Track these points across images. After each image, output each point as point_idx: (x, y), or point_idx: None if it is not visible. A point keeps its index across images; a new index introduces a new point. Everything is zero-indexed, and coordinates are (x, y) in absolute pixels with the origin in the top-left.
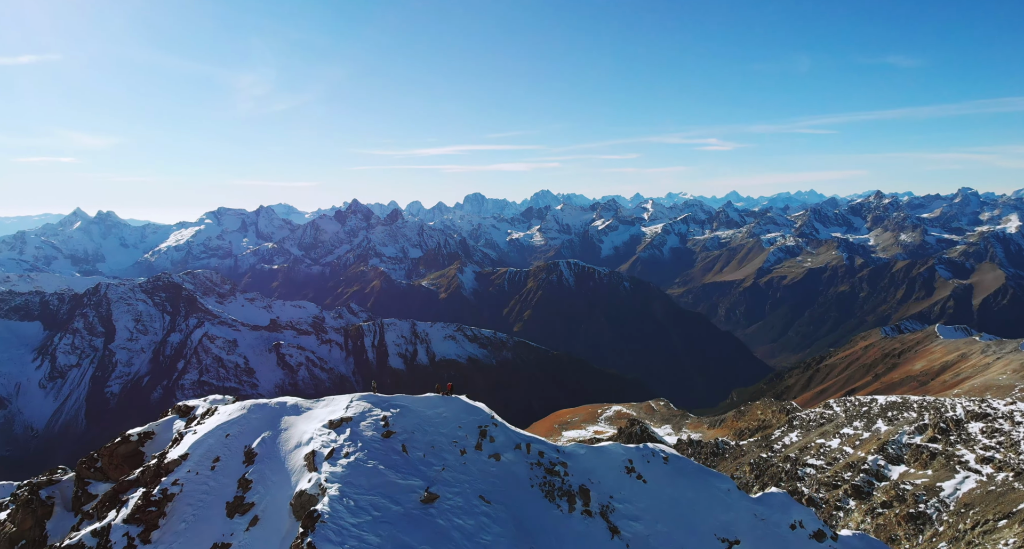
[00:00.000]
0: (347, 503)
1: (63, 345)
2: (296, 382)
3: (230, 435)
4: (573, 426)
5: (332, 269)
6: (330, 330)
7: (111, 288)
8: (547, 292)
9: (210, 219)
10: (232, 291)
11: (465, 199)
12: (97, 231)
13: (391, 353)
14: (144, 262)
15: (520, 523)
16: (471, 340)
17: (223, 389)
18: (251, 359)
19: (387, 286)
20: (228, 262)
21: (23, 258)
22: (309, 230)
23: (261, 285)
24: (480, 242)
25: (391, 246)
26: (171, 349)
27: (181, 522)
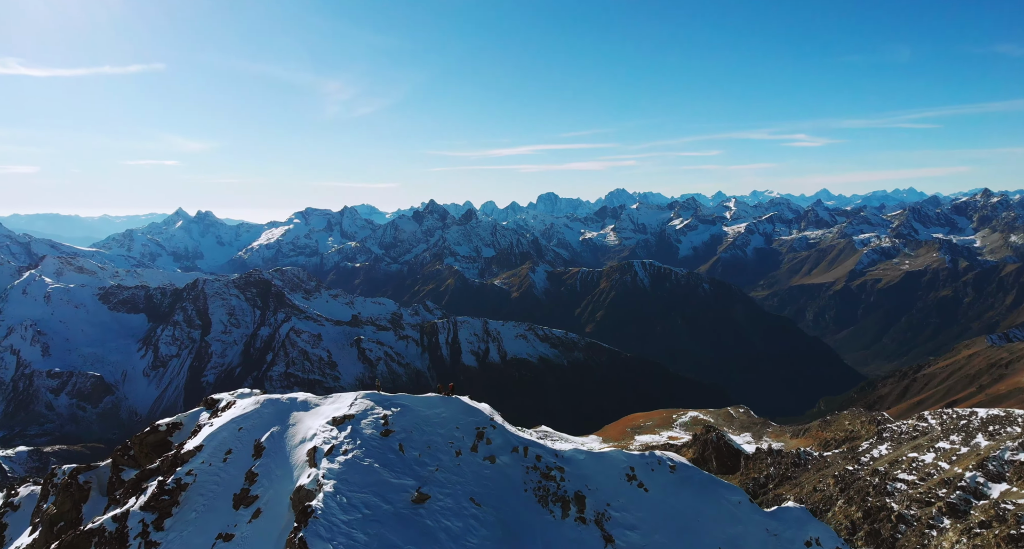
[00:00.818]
0: (340, 500)
1: (165, 336)
2: (375, 376)
3: (243, 428)
4: (646, 430)
5: (410, 267)
6: (407, 326)
7: (207, 284)
8: (620, 293)
9: (298, 219)
10: (317, 288)
11: (538, 199)
12: (196, 230)
13: (464, 350)
14: (238, 259)
15: (508, 527)
16: (542, 340)
17: (307, 381)
18: (334, 353)
19: (461, 284)
20: (314, 260)
21: (131, 255)
22: (389, 230)
23: (344, 282)
24: (552, 242)
25: (465, 245)
26: (261, 342)
27: (192, 511)
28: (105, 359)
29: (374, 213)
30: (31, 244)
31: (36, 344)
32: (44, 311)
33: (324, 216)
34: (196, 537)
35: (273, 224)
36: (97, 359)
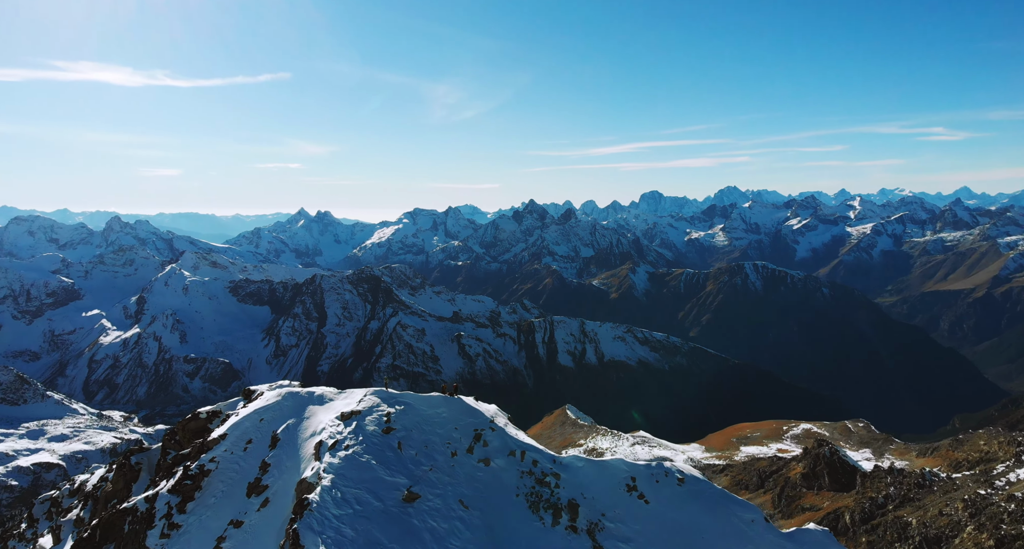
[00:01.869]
0: (335, 495)
1: (286, 327)
2: (475, 371)
3: (264, 419)
4: (753, 442)
5: (508, 266)
6: (505, 324)
7: (324, 279)
8: (729, 296)
9: (407, 219)
10: (422, 285)
11: (641, 197)
12: (316, 228)
13: (560, 350)
14: (352, 257)
15: (493, 531)
16: (642, 343)
17: (411, 374)
18: (436, 347)
19: (558, 284)
20: (420, 258)
21: (258, 251)
22: (489, 229)
23: (447, 280)
24: (655, 242)
25: (563, 245)
26: (370, 335)
27: (212, 497)
28: (233, 347)
29: (476, 213)
30: (173, 241)
31: (175, 332)
32: (182, 302)
33: (430, 216)
34: (212, 521)
35: (384, 224)
36: (226, 347)
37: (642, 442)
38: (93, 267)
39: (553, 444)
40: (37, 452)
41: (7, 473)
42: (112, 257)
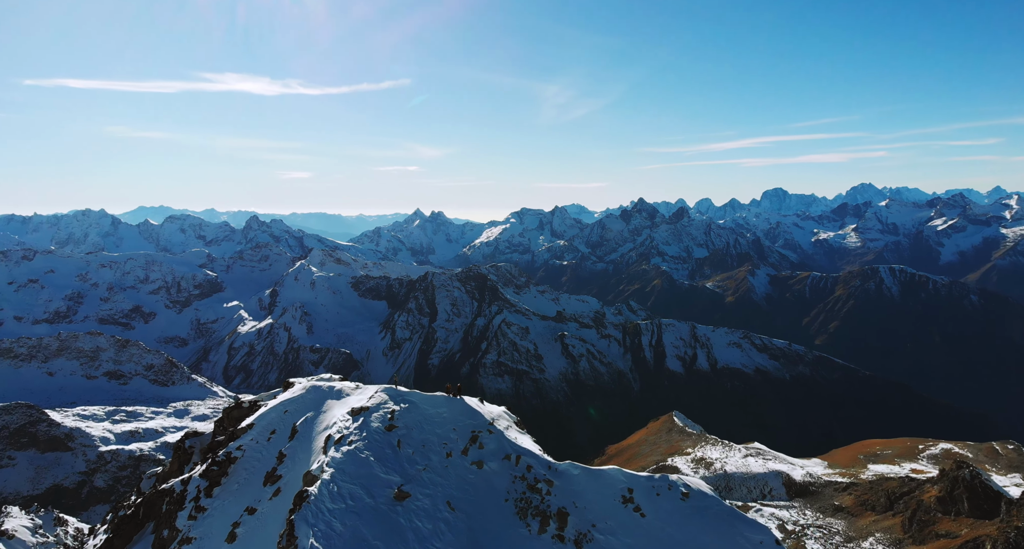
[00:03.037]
0: (332, 488)
1: (400, 322)
2: (578, 372)
3: (287, 412)
4: (883, 460)
5: (615, 266)
6: (609, 325)
7: (435, 276)
8: (861, 302)
9: (514, 218)
10: (527, 283)
11: (763, 195)
12: (430, 228)
13: (668, 354)
14: (462, 255)
15: (475, 536)
16: (760, 350)
17: (516, 371)
18: (540, 346)
19: (668, 286)
20: (526, 257)
21: (378, 249)
22: (596, 229)
23: (552, 279)
24: (777, 242)
25: (674, 245)
26: (477, 331)
27: (235, 483)
28: (353, 339)
29: (583, 212)
30: (304, 239)
31: (303, 323)
32: (310, 295)
33: (536, 216)
34: (232, 507)
35: (492, 223)
36: (347, 338)
37: (756, 454)
38: (234, 262)
39: (658, 451)
40: (182, 430)
41: (156, 448)
42: (250, 253)
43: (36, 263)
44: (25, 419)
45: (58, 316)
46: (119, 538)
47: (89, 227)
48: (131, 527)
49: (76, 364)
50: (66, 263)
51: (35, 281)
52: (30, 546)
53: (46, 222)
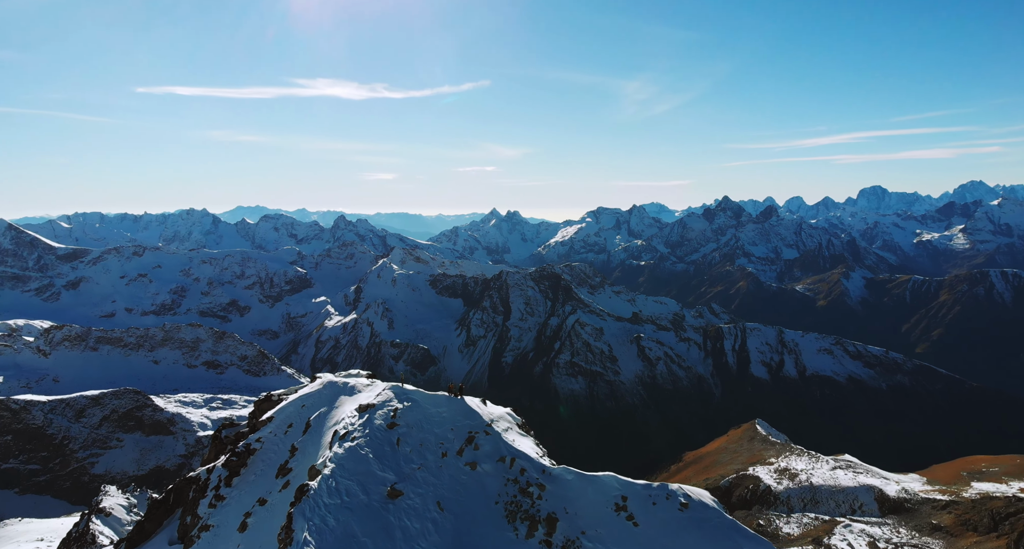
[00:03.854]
0: (330, 484)
1: (475, 319)
2: (655, 375)
3: (305, 406)
4: (988, 477)
5: (696, 267)
6: (689, 328)
7: (509, 275)
8: (968, 308)
9: (590, 218)
10: (602, 283)
11: (859, 193)
12: (506, 227)
13: (753, 360)
14: (537, 254)
15: (461, 538)
16: (853, 357)
17: (589, 372)
18: (614, 347)
19: (754, 288)
20: (602, 257)
21: (455, 248)
22: (676, 228)
23: (628, 279)
24: (875, 243)
25: (761, 246)
26: (550, 331)
27: (252, 474)
28: (431, 335)
29: (663, 211)
30: (386, 238)
31: (384, 319)
32: (391, 292)
33: (613, 215)
34: (247, 497)
35: (568, 222)
36: (425, 335)
37: (846, 467)
38: (322, 260)
39: (739, 460)
40: None
41: None
42: (337, 251)
43: (145, 259)
44: (133, 404)
45: (164, 308)
46: (150, 522)
47: (193, 225)
48: (161, 512)
49: (178, 353)
50: (171, 259)
51: (144, 275)
52: (125, 524)
53: (155, 221)
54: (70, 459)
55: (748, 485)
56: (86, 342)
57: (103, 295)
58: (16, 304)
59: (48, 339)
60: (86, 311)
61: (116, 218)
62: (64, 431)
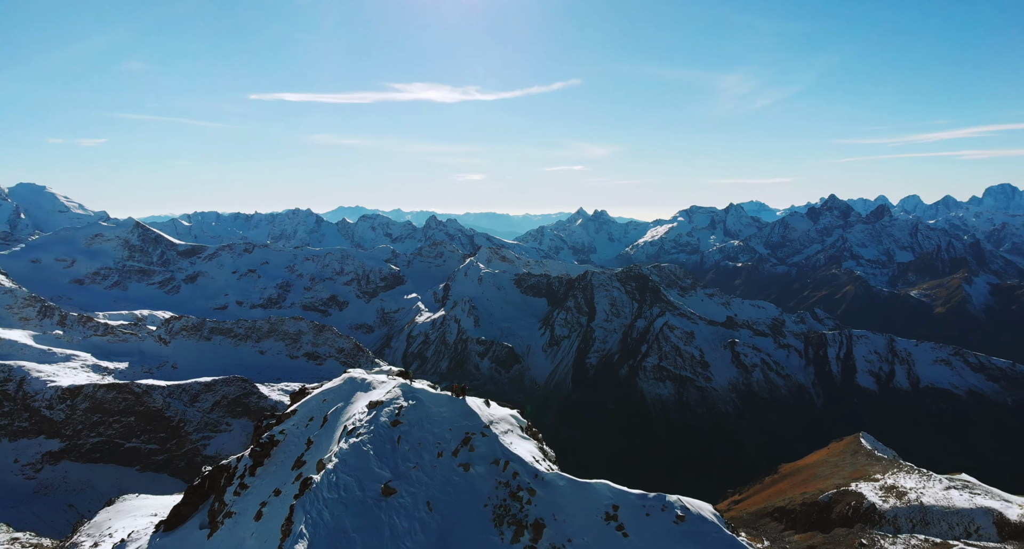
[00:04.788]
0: (331, 478)
1: (559, 319)
2: (750, 382)
3: (326, 400)
4: None
5: (798, 270)
6: (789, 334)
7: (594, 275)
8: None
9: (682, 217)
10: (693, 285)
11: (985, 192)
12: (592, 227)
13: (859, 369)
14: (624, 255)
15: (445, 538)
16: (975, 369)
17: (679, 377)
18: (706, 352)
19: (862, 293)
20: (695, 258)
21: (541, 247)
22: (777, 228)
23: (723, 282)
24: (1003, 246)
25: (872, 247)
26: (636, 333)
27: (274, 465)
28: (515, 334)
29: (763, 210)
30: (474, 237)
31: (471, 316)
32: (477, 290)
33: (708, 214)
34: (266, 487)
35: (658, 222)
36: (510, 333)
37: (962, 487)
38: (414, 258)
39: (840, 474)
40: None
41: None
42: (428, 250)
43: (255, 255)
44: (240, 391)
45: (270, 302)
46: (186, 506)
47: (298, 224)
48: (197, 496)
49: (282, 345)
50: (278, 256)
51: (253, 271)
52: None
53: (264, 220)
54: (185, 441)
55: (850, 502)
56: (201, 332)
57: (217, 288)
58: (142, 295)
59: (168, 328)
60: (202, 303)
61: (230, 217)
62: (180, 414)
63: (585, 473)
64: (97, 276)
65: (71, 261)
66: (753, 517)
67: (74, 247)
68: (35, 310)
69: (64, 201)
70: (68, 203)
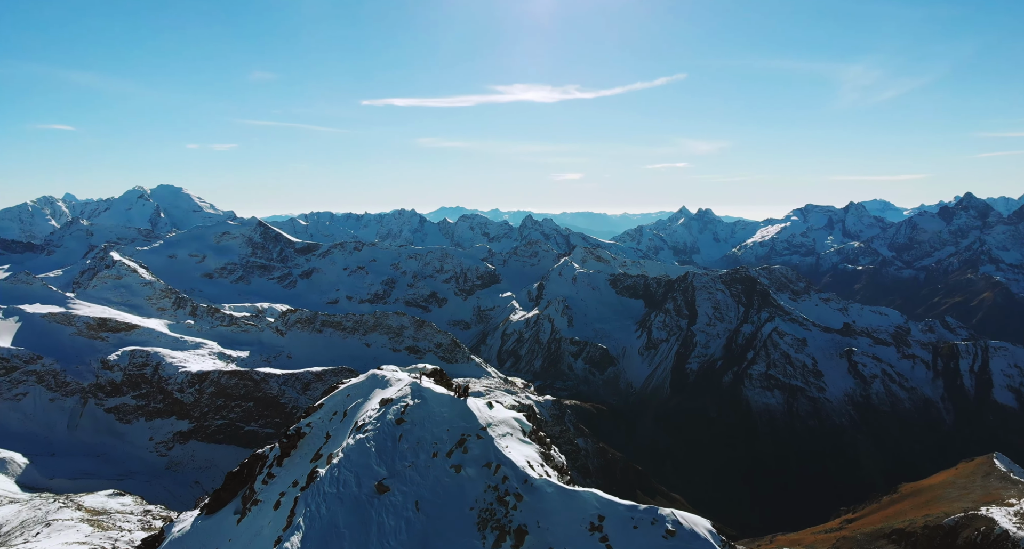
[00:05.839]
0: (334, 473)
1: (657, 322)
2: (868, 395)
3: (349, 396)
4: None
5: (927, 274)
6: (915, 344)
7: (696, 277)
8: None
9: (796, 216)
10: (806, 289)
11: None
12: (695, 227)
13: (996, 384)
14: (731, 256)
15: (427, 540)
16: None
17: (788, 386)
18: (820, 361)
19: (1002, 300)
20: (809, 260)
21: (639, 248)
22: (903, 229)
23: (841, 286)
24: None
25: (1015, 251)
26: (742, 338)
27: (299, 456)
28: (610, 335)
29: (888, 209)
30: (569, 237)
31: (564, 316)
32: (571, 290)
33: (825, 213)
34: (288, 477)
35: (769, 221)
36: (604, 334)
37: None
38: (509, 257)
39: (969, 497)
40: None
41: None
42: (523, 249)
43: (363, 253)
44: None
45: (376, 297)
46: (225, 491)
47: (403, 224)
48: (236, 483)
49: (386, 338)
50: (384, 254)
51: (362, 268)
52: None
53: (373, 219)
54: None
55: (979, 527)
56: (313, 325)
57: (329, 284)
58: (263, 289)
59: (284, 321)
60: (316, 297)
61: (343, 217)
62: (293, 401)
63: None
64: (224, 271)
65: (202, 257)
66: (868, 538)
67: (205, 244)
68: (170, 301)
69: (198, 201)
70: (201, 203)
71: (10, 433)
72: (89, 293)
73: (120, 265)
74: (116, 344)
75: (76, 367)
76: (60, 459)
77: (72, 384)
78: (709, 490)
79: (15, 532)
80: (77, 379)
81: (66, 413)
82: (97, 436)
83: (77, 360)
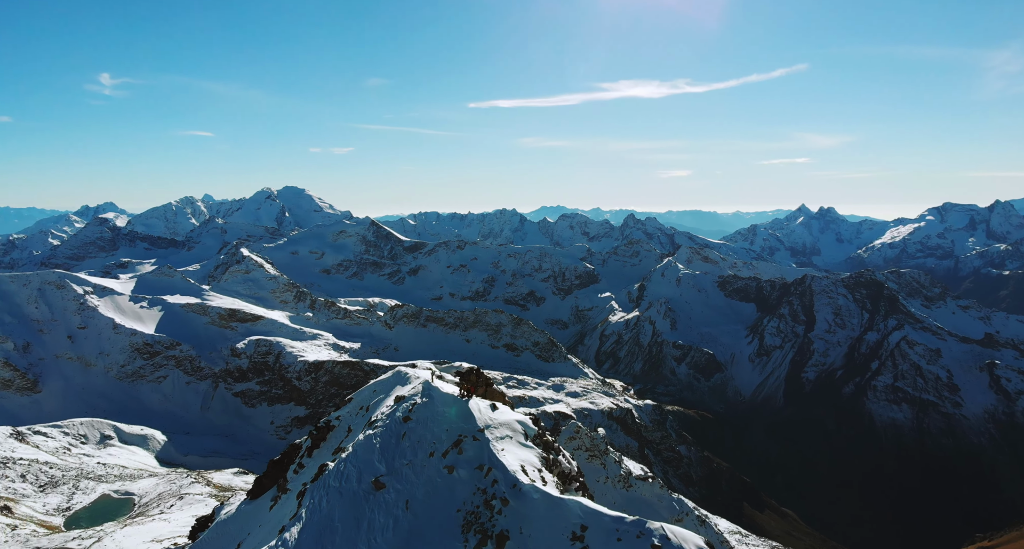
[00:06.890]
0: (340, 467)
1: (770, 327)
2: (1012, 412)
3: (375, 392)
4: None
5: None
6: None
7: (815, 280)
8: None
9: (932, 216)
10: (942, 295)
11: None
12: (816, 226)
13: None
14: (856, 258)
15: (411, 540)
16: None
17: (919, 401)
18: (956, 374)
19: None
20: (946, 263)
21: (752, 248)
22: None
23: (984, 292)
24: None
25: None
26: (866, 347)
27: (326, 449)
28: (717, 340)
29: None
30: (674, 236)
31: (667, 319)
32: (675, 292)
33: (966, 212)
34: (313, 468)
35: (900, 221)
36: (711, 339)
37: None
38: (608, 257)
39: None
40: (557, 403)
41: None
42: (623, 248)
43: (466, 252)
44: None
45: (477, 295)
46: (267, 479)
47: (504, 223)
48: (276, 471)
49: (485, 335)
50: (485, 252)
51: (464, 266)
52: None
53: (476, 219)
54: None
55: None
56: (418, 319)
57: (434, 281)
58: (374, 285)
59: (392, 315)
60: (422, 293)
61: (448, 216)
62: None
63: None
64: (340, 267)
65: (321, 254)
66: None
67: (323, 242)
68: (292, 295)
69: (318, 201)
70: (321, 203)
71: (152, 411)
72: (222, 286)
73: (249, 261)
74: (243, 333)
75: (209, 353)
76: (193, 437)
77: (205, 369)
78: (824, 506)
79: (152, 503)
80: (210, 364)
81: (199, 395)
82: (225, 417)
83: (210, 347)
